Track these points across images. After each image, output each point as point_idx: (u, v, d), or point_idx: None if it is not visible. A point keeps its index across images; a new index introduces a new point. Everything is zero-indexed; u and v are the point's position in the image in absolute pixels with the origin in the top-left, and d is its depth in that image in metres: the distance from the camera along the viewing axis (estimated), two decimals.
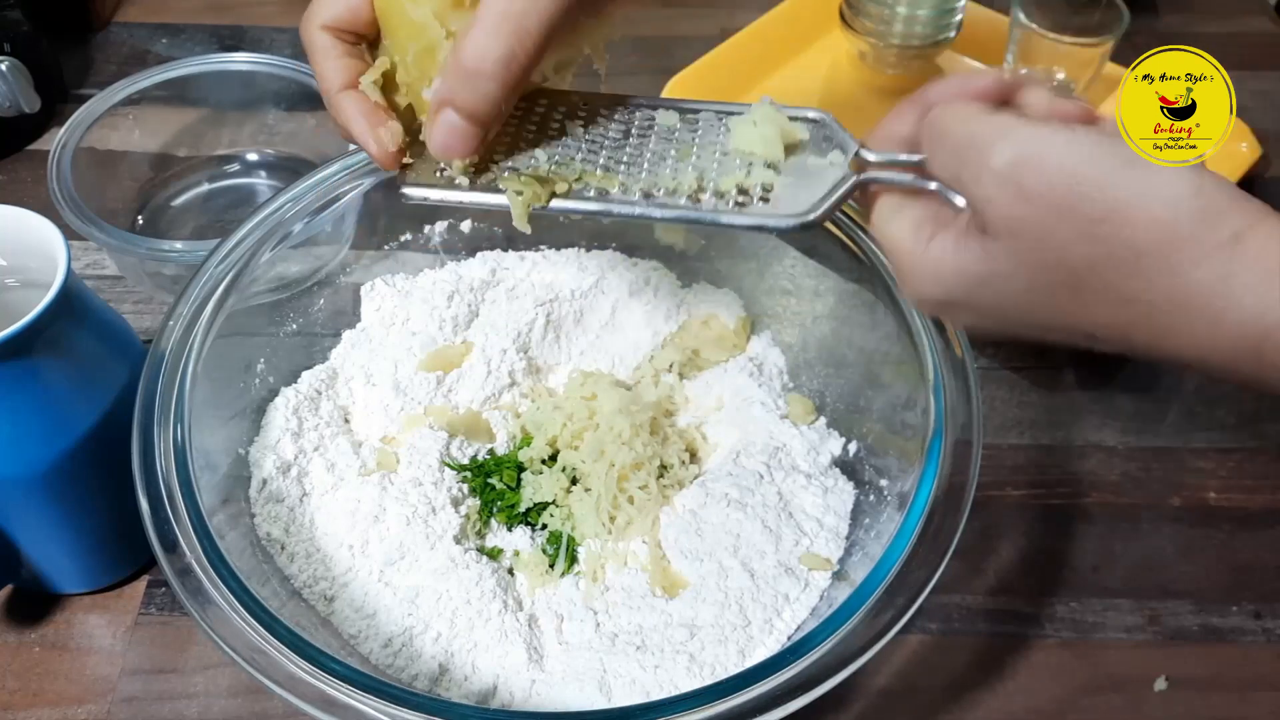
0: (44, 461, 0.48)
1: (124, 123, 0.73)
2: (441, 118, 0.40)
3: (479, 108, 0.39)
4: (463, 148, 0.40)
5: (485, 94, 0.39)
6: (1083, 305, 0.36)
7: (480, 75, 0.39)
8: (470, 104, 0.39)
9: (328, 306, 0.62)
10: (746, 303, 0.64)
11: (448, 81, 0.40)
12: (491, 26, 0.38)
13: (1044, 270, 0.35)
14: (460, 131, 0.40)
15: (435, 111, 0.40)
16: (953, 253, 0.37)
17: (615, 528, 0.54)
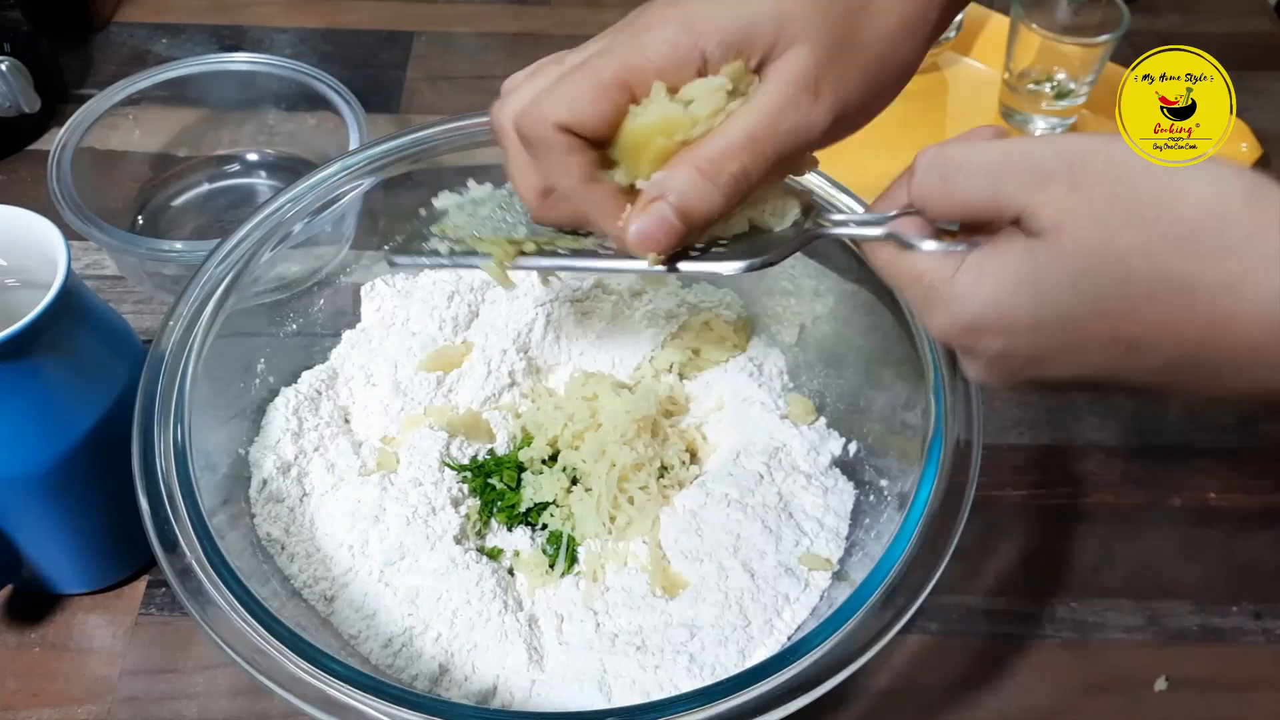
0: (44, 461, 0.48)
1: (124, 123, 0.73)
2: (655, 208, 0.38)
3: (696, 211, 0.38)
4: (663, 243, 0.39)
5: (709, 200, 0.38)
6: (1131, 304, 0.34)
7: (713, 181, 0.38)
8: (690, 205, 0.38)
9: (328, 307, 0.62)
10: (746, 303, 0.64)
11: (675, 177, 0.38)
12: (737, 142, 0.38)
13: (1092, 259, 0.34)
14: (668, 227, 0.38)
15: (649, 201, 0.39)
16: (991, 256, 0.36)
17: (615, 528, 0.54)
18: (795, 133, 0.38)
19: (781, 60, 0.38)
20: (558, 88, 0.39)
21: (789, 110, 0.38)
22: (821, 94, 0.39)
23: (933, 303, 0.38)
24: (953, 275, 0.37)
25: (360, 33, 0.91)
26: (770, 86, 0.38)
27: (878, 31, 0.40)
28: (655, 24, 0.39)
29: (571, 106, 0.38)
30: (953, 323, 0.38)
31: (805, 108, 0.38)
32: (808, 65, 0.38)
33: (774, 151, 0.38)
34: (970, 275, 0.37)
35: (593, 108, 0.38)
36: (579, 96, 0.38)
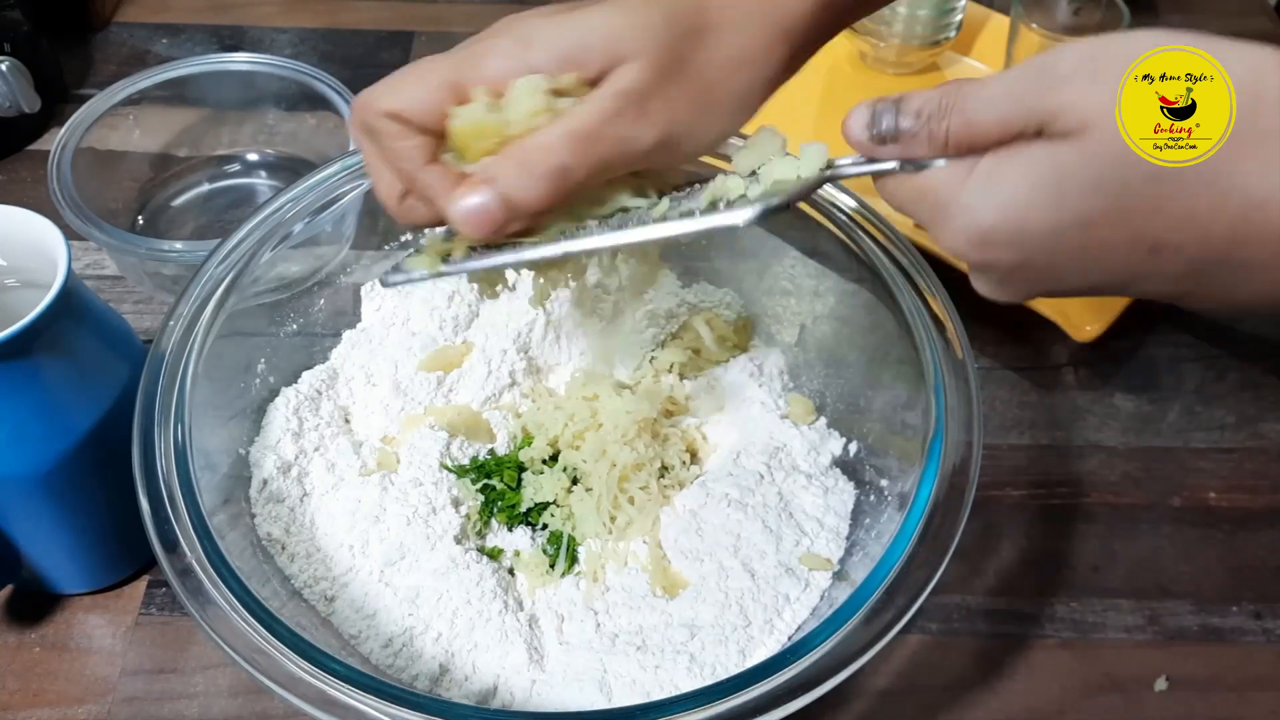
0: (44, 461, 0.48)
1: (124, 123, 0.73)
2: (477, 191, 0.39)
3: (518, 199, 0.39)
4: (483, 228, 0.39)
5: (528, 190, 0.39)
6: (1157, 201, 0.33)
7: (532, 173, 0.39)
8: (512, 193, 0.39)
9: (328, 307, 0.62)
10: (746, 303, 0.64)
11: (501, 164, 0.39)
12: (562, 137, 0.39)
13: (1122, 155, 0.33)
14: (488, 213, 0.39)
15: (474, 184, 0.39)
16: (1007, 159, 0.35)
17: (616, 528, 0.54)
18: (619, 140, 0.39)
19: (614, 74, 0.39)
20: (389, 80, 0.41)
21: (614, 118, 0.39)
22: (649, 109, 0.39)
23: (942, 216, 0.37)
24: (965, 181, 0.36)
25: (360, 33, 0.91)
26: (598, 94, 0.39)
27: (715, 59, 0.41)
28: (493, 36, 0.41)
29: (398, 95, 0.40)
30: (964, 235, 0.36)
31: (630, 118, 0.39)
32: (637, 80, 0.39)
33: (597, 154, 0.39)
34: (981, 182, 0.36)
35: (417, 99, 0.40)
36: (405, 87, 0.40)
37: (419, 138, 0.41)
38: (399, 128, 0.40)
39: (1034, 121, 0.35)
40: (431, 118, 0.40)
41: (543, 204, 0.39)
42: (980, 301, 0.40)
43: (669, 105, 0.40)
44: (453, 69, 0.40)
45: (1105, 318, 0.66)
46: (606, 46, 0.39)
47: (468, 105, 0.40)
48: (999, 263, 0.37)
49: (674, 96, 0.40)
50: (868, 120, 0.39)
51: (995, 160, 0.36)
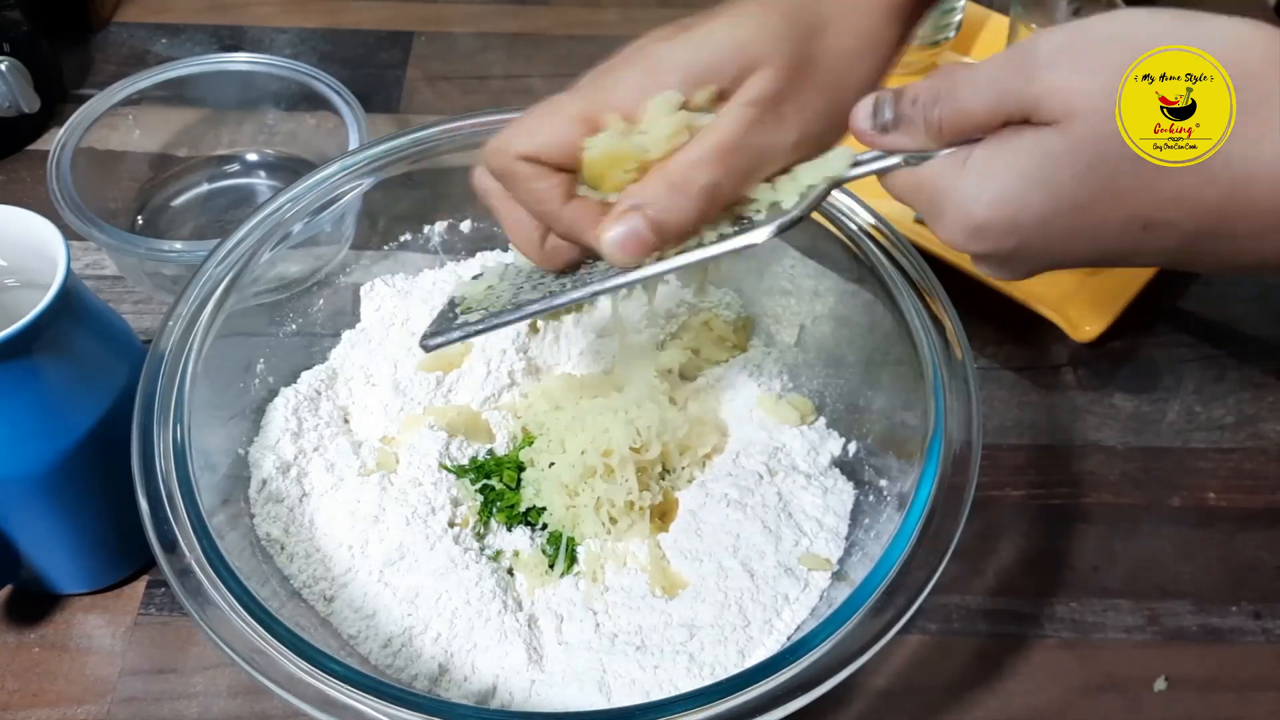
0: (44, 461, 0.48)
1: (124, 123, 0.73)
2: (628, 219, 0.39)
3: (669, 221, 0.39)
4: (636, 253, 0.39)
5: (681, 211, 0.39)
6: (1146, 180, 0.34)
7: (684, 194, 0.39)
8: (663, 216, 0.39)
9: (327, 307, 0.62)
10: (746, 303, 0.64)
11: (647, 188, 0.39)
12: (709, 153, 0.39)
13: (1109, 139, 0.34)
14: (640, 238, 0.39)
15: (622, 212, 0.39)
16: (998, 151, 0.36)
17: (615, 528, 0.54)
18: (761, 148, 0.40)
19: (746, 84, 0.40)
20: (520, 122, 0.41)
21: (754, 126, 0.39)
22: (785, 112, 0.40)
23: (939, 208, 0.38)
24: (959, 174, 0.37)
25: (360, 33, 0.91)
26: (735, 105, 0.40)
27: (837, 52, 0.41)
28: (620, 66, 0.41)
29: (531, 137, 0.40)
30: (960, 229, 0.37)
31: (770, 125, 0.40)
32: (770, 85, 0.39)
33: (742, 165, 0.39)
34: (975, 175, 0.36)
35: (552, 137, 0.40)
36: (539, 128, 0.40)
37: (556, 176, 0.40)
38: (535, 169, 0.40)
39: (1019, 110, 0.35)
40: (566, 155, 0.40)
41: (696, 223, 0.40)
42: (980, 301, 0.40)
43: (803, 105, 0.40)
44: (583, 102, 0.40)
45: (1105, 318, 0.66)
46: (735, 57, 0.40)
47: (601, 134, 0.40)
48: (996, 251, 0.38)
49: (807, 95, 0.40)
50: (871, 110, 0.39)
51: (986, 152, 0.36)
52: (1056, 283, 0.67)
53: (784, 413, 0.59)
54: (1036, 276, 0.40)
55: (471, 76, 0.88)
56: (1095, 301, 0.66)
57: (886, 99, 0.39)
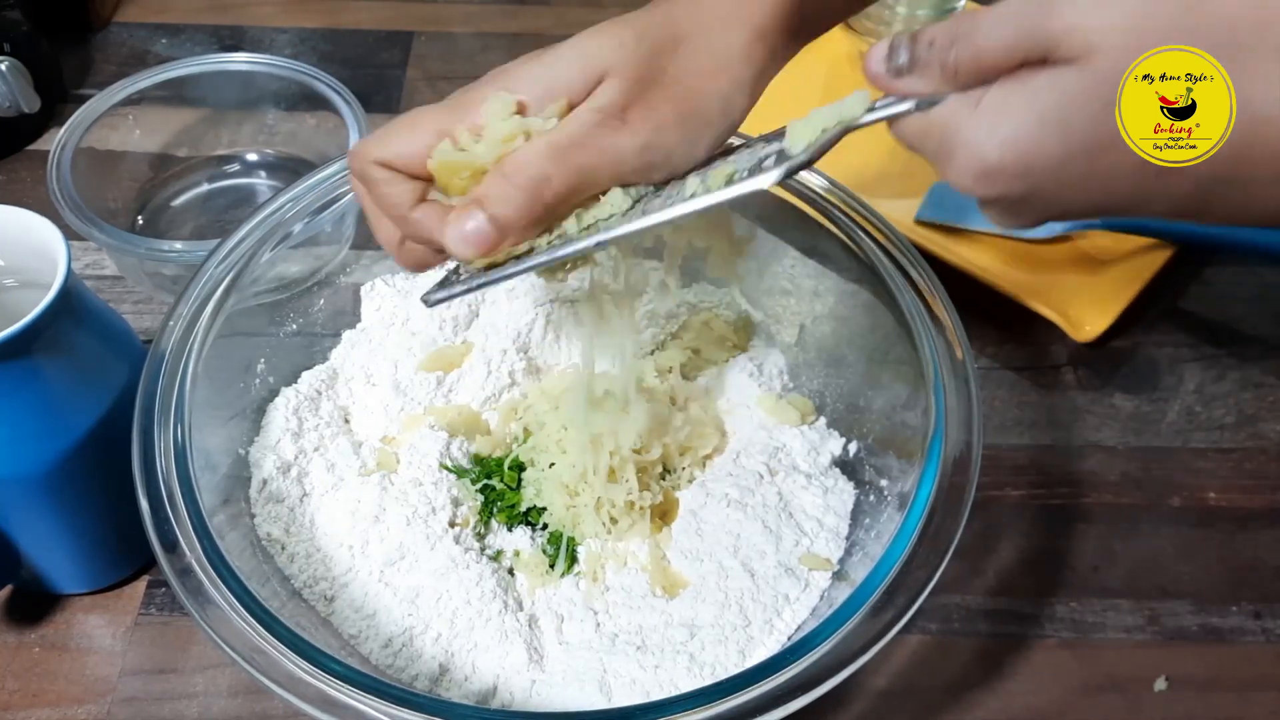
0: (44, 462, 0.48)
1: (124, 123, 0.73)
2: (468, 215, 0.40)
3: (506, 216, 0.40)
4: (477, 248, 0.41)
5: (511, 202, 0.40)
6: None
7: (514, 185, 0.40)
8: (499, 210, 0.40)
9: (328, 307, 0.62)
10: (746, 303, 0.64)
11: (487, 184, 0.41)
12: (541, 147, 0.40)
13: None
14: (481, 234, 0.40)
15: (463, 209, 0.41)
16: (1013, 90, 0.35)
17: (616, 528, 0.54)
18: (602, 150, 0.41)
19: (594, 93, 0.41)
20: (381, 131, 0.43)
21: (594, 129, 0.41)
22: (630, 119, 0.41)
23: (949, 150, 0.37)
24: (972, 115, 0.36)
25: (360, 33, 0.91)
26: (577, 111, 0.41)
27: (690, 66, 0.42)
28: (479, 85, 0.44)
29: (387, 145, 0.42)
30: (970, 172, 0.36)
31: (611, 128, 0.41)
32: (615, 93, 0.41)
33: (577, 162, 0.41)
34: (989, 115, 0.35)
35: (406, 146, 0.42)
36: (395, 137, 0.43)
37: (408, 183, 0.43)
38: (390, 174, 0.42)
39: (1038, 47, 0.34)
40: (418, 164, 0.42)
41: (528, 217, 0.41)
42: (980, 301, 0.40)
43: (650, 113, 0.41)
44: (442, 117, 0.43)
45: (1105, 317, 0.66)
46: (583, 70, 0.42)
47: (443, 144, 0.42)
48: (1006, 195, 0.37)
49: (655, 105, 0.41)
50: (885, 54, 0.39)
51: (1000, 93, 0.35)
52: (1058, 282, 0.67)
53: (784, 412, 0.59)
54: (1036, 277, 0.40)
55: (471, 76, 0.86)
56: (1095, 301, 0.66)
57: (902, 42, 0.38)
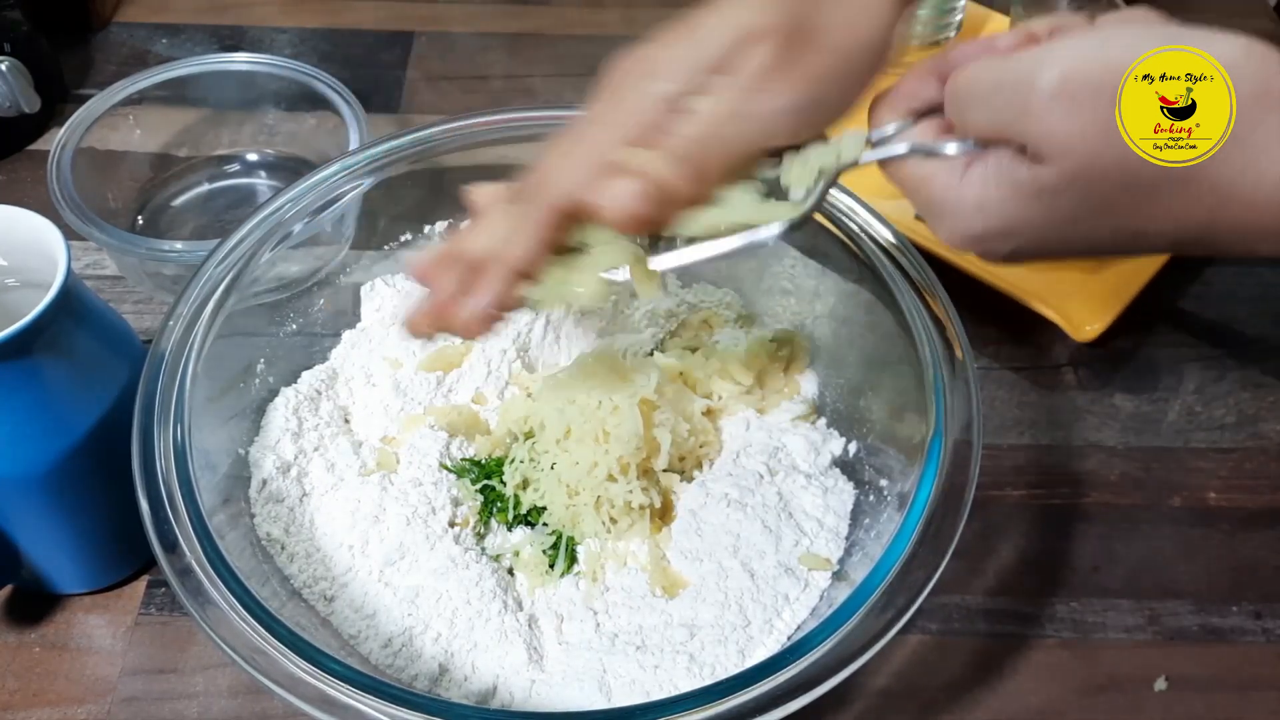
0: (44, 462, 0.48)
1: (124, 123, 0.73)
2: (625, 178, 0.40)
3: (666, 180, 0.40)
4: (635, 209, 0.40)
5: (674, 171, 0.40)
6: (1136, 201, 0.36)
7: (672, 157, 0.40)
8: (660, 175, 0.40)
9: (328, 307, 0.62)
10: (746, 303, 0.64)
11: (639, 160, 0.40)
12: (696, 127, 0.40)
13: (1102, 173, 0.35)
14: (641, 193, 0.40)
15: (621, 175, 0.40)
16: (996, 175, 0.37)
17: (615, 528, 0.54)
18: (754, 116, 0.40)
19: (743, 58, 0.40)
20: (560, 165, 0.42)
21: (750, 96, 0.40)
22: (783, 79, 0.40)
23: (938, 213, 0.40)
24: (958, 186, 0.38)
25: (360, 33, 0.91)
26: (730, 80, 0.40)
27: (834, 19, 0.41)
28: (625, 79, 0.42)
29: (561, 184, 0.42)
30: (958, 236, 0.39)
31: (765, 92, 0.40)
32: (764, 56, 0.40)
33: (733, 132, 0.40)
34: (975, 189, 0.38)
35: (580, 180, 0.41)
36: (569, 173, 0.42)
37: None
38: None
39: (1015, 139, 0.37)
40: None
41: (690, 184, 0.40)
42: (980, 301, 0.40)
43: (803, 71, 0.40)
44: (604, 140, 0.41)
45: (1105, 317, 0.66)
46: (732, 38, 0.40)
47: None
48: (994, 253, 0.40)
49: (807, 61, 0.40)
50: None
51: (984, 174, 0.38)
52: (1057, 282, 0.67)
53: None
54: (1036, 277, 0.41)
55: (471, 76, 0.88)
56: (1096, 301, 0.66)
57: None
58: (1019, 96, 0.36)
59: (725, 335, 0.62)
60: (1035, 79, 0.35)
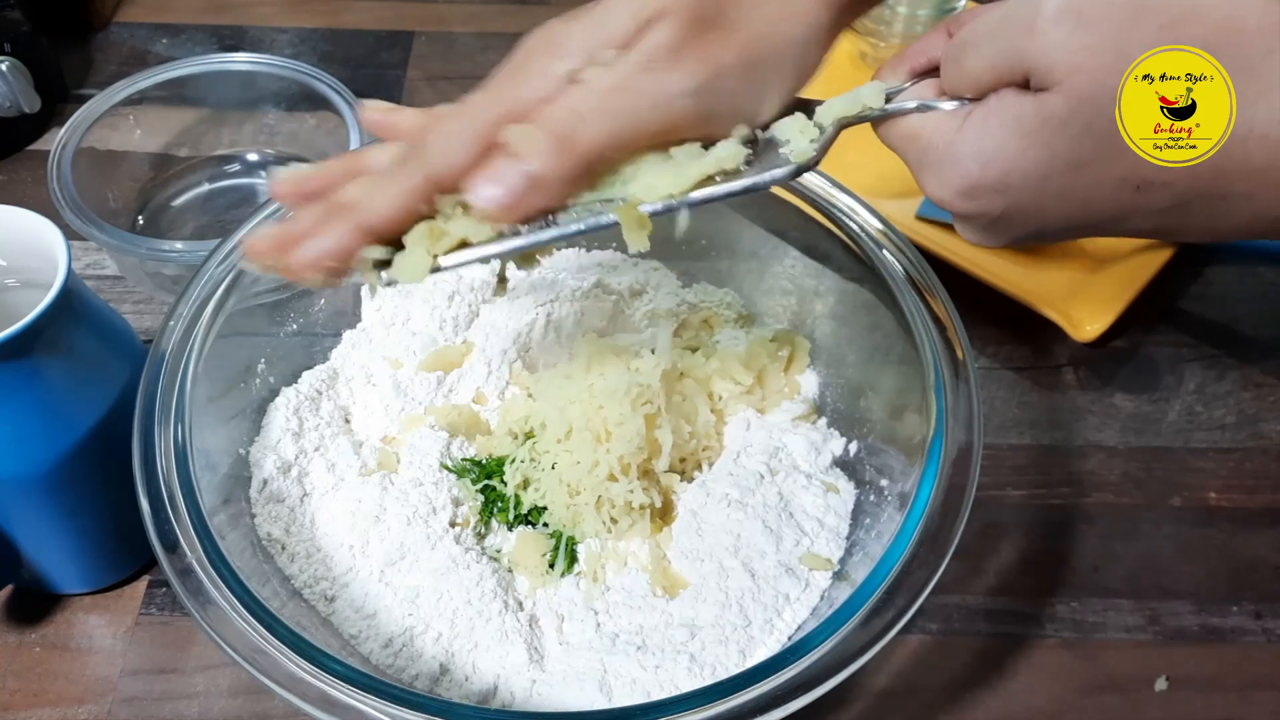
0: (44, 462, 0.48)
1: (124, 123, 0.73)
2: (499, 166, 0.37)
3: (538, 168, 0.37)
4: (506, 201, 0.37)
5: (547, 154, 0.37)
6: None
7: (545, 134, 0.37)
8: (532, 164, 0.37)
9: (328, 307, 0.62)
10: (746, 303, 0.64)
11: (514, 135, 0.38)
12: (577, 96, 0.38)
13: (1108, 98, 0.34)
14: (511, 187, 0.37)
15: (492, 160, 0.38)
16: (997, 114, 0.36)
17: (616, 528, 0.54)
18: (643, 92, 0.38)
19: (643, 36, 0.39)
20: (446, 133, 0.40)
21: (638, 71, 0.38)
22: (681, 59, 0.38)
23: (932, 165, 0.38)
24: (956, 132, 0.37)
25: (360, 33, 0.91)
26: (628, 54, 0.39)
27: (754, 12, 0.40)
28: (530, 54, 0.41)
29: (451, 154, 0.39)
30: (951, 186, 0.37)
31: (658, 68, 0.38)
32: (665, 34, 0.38)
33: (617, 106, 0.38)
34: (973, 133, 0.36)
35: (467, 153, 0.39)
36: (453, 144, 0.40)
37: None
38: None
39: (1019, 68, 0.35)
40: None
41: (562, 169, 0.38)
42: (981, 301, 0.40)
43: (707, 54, 0.39)
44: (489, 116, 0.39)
45: (1106, 317, 0.66)
46: (635, 17, 0.39)
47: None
48: (985, 211, 0.37)
49: (713, 46, 0.39)
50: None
51: (983, 112, 0.36)
52: (1057, 283, 0.67)
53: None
54: (1036, 277, 0.40)
55: (471, 76, 0.87)
56: (1096, 301, 0.66)
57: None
58: (1023, 21, 0.35)
59: (725, 335, 0.62)
60: (1041, 2, 0.34)
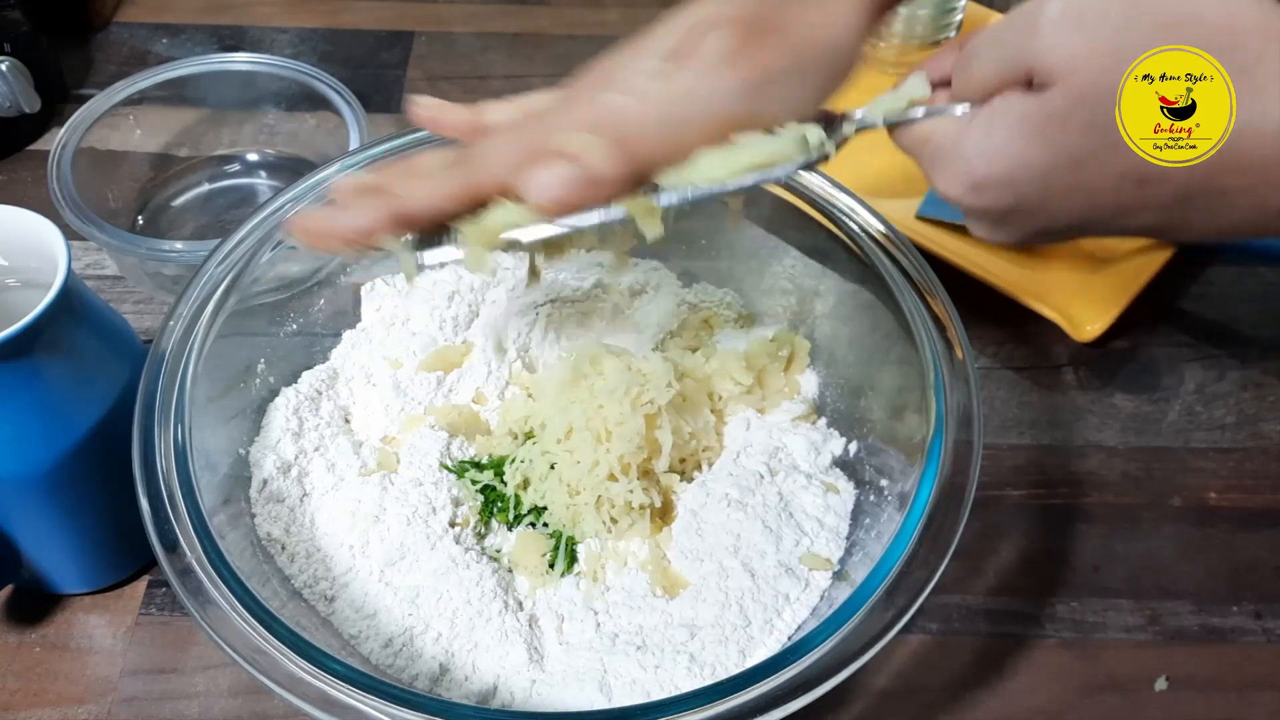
0: (44, 462, 0.48)
1: (124, 123, 0.73)
2: (555, 162, 0.39)
3: (597, 167, 0.39)
4: (562, 197, 0.39)
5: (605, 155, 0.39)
6: None
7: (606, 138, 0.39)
8: (592, 162, 0.39)
9: (328, 306, 0.62)
10: (746, 303, 0.64)
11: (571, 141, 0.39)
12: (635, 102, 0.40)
13: (1109, 94, 0.35)
14: (570, 181, 0.39)
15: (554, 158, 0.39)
16: (1002, 113, 0.37)
17: (616, 528, 0.54)
18: (698, 96, 0.40)
19: (700, 46, 0.41)
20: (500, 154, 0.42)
21: (695, 77, 0.40)
22: (736, 64, 0.40)
23: (941, 161, 0.40)
24: (962, 133, 0.38)
25: (360, 33, 0.91)
26: (682, 63, 0.41)
27: (800, 17, 0.42)
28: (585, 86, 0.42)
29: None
30: (960, 183, 0.39)
31: (718, 74, 0.40)
32: (720, 42, 0.40)
33: (678, 114, 0.40)
34: (979, 132, 0.38)
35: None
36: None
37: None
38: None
39: (1022, 69, 0.36)
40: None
41: (630, 176, 0.40)
42: (981, 301, 0.40)
43: (757, 60, 0.40)
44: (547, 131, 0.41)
45: (1106, 317, 0.66)
46: (690, 28, 0.41)
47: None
48: (994, 207, 0.39)
49: (765, 52, 0.41)
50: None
51: (990, 113, 0.38)
52: (1057, 282, 0.67)
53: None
54: (1036, 277, 0.41)
55: (471, 76, 0.88)
56: (1096, 301, 0.66)
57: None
58: (1026, 24, 0.36)
59: (725, 335, 0.62)
60: (1042, 7, 0.36)
